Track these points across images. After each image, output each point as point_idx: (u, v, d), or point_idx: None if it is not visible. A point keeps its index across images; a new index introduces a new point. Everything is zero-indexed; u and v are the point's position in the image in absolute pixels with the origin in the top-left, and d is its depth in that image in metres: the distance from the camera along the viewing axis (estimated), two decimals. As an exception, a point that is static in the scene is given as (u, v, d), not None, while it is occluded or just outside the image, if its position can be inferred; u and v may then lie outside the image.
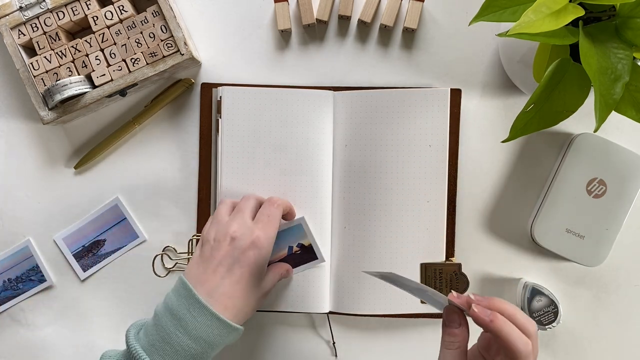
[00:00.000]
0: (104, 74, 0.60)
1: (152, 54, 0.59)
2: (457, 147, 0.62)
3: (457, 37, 0.62)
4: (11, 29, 0.60)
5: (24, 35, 0.60)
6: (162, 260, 0.64)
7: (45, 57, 0.60)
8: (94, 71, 0.60)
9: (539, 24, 0.41)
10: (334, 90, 0.62)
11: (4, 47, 0.60)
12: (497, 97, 0.63)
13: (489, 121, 0.63)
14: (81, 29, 0.63)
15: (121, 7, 0.59)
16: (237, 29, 0.63)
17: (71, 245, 0.64)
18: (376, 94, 0.61)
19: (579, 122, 0.61)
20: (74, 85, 0.58)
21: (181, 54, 0.59)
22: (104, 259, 0.64)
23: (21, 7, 0.59)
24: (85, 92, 0.59)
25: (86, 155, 0.63)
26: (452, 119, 0.61)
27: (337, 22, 0.63)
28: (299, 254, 0.59)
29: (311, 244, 0.59)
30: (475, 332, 0.47)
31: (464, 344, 0.47)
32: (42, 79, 0.60)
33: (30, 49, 0.61)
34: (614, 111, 0.44)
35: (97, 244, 0.64)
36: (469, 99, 0.62)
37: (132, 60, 0.60)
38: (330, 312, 0.62)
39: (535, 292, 0.59)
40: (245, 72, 0.63)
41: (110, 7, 0.59)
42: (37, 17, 0.59)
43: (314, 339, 0.64)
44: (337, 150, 0.62)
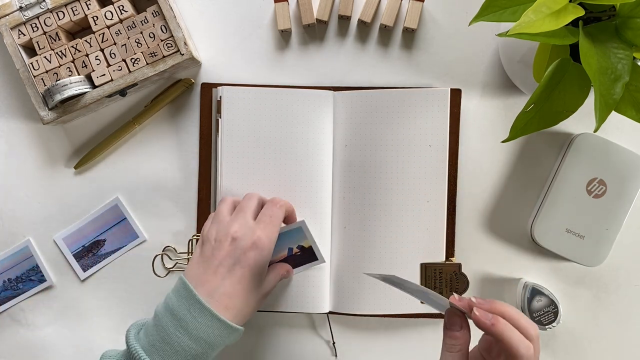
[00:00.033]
0: (104, 74, 0.60)
1: (152, 54, 0.59)
2: (457, 147, 0.62)
3: (457, 37, 0.62)
4: (11, 29, 0.60)
5: (24, 35, 0.60)
6: (162, 260, 0.64)
7: (45, 57, 0.60)
8: (94, 71, 0.60)
9: (539, 24, 0.41)
10: (334, 90, 0.62)
11: (4, 47, 0.60)
12: (497, 97, 0.63)
13: (489, 121, 0.63)
14: (81, 29, 0.63)
15: (121, 7, 0.59)
16: (237, 29, 0.63)
17: (71, 245, 0.64)
18: (376, 94, 0.61)
19: (579, 122, 0.61)
20: (74, 85, 0.58)
21: (181, 54, 0.59)
22: (104, 259, 0.64)
23: (21, 7, 0.59)
24: (85, 92, 0.59)
25: (86, 155, 0.63)
26: (452, 119, 0.61)
27: (337, 22, 0.63)
28: (299, 255, 0.59)
29: (311, 246, 0.58)
30: (476, 334, 0.47)
31: (466, 347, 0.46)
32: (42, 79, 0.60)
33: (30, 49, 0.61)
34: (614, 111, 0.44)
35: (97, 244, 0.64)
36: (469, 99, 0.62)
37: (132, 60, 0.59)
38: (330, 312, 0.62)
39: (535, 292, 0.59)
40: (245, 72, 0.63)
41: (110, 7, 0.59)
42: (37, 17, 0.59)
43: (314, 339, 0.64)
44: (337, 150, 0.62)
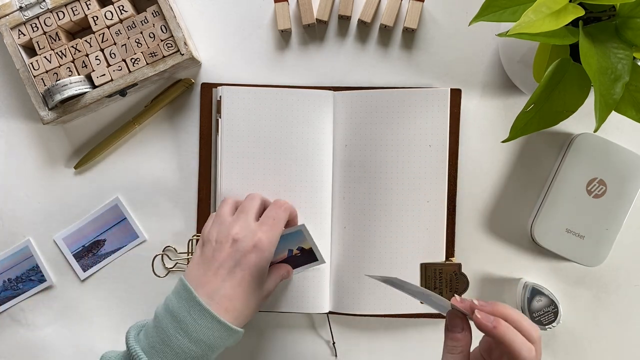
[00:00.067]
0: (104, 74, 0.60)
1: (152, 54, 0.59)
2: (457, 147, 0.62)
3: (457, 37, 0.62)
4: (11, 29, 0.60)
5: (24, 35, 0.60)
6: (162, 260, 0.64)
7: (45, 57, 0.60)
8: (94, 71, 0.60)
9: (539, 24, 0.41)
10: (334, 90, 0.62)
11: (4, 47, 0.60)
12: (497, 97, 0.63)
13: (489, 121, 0.63)
14: (81, 29, 0.63)
15: (121, 7, 0.59)
16: (237, 29, 0.63)
17: (71, 245, 0.64)
18: (376, 94, 0.61)
19: (579, 122, 0.61)
20: (74, 85, 0.58)
21: (181, 54, 0.59)
22: (104, 259, 0.64)
23: (21, 7, 0.59)
24: (85, 92, 0.59)
25: (86, 155, 0.63)
26: (452, 119, 0.61)
27: (337, 22, 0.63)
28: (299, 256, 0.59)
29: (311, 247, 0.58)
30: (477, 335, 0.47)
31: (467, 349, 0.46)
32: (42, 79, 0.60)
33: (30, 49, 0.61)
34: (614, 111, 0.44)
35: (97, 244, 0.64)
36: (469, 99, 0.62)
37: (132, 60, 0.59)
38: (330, 312, 0.62)
39: (535, 292, 0.59)
40: (245, 72, 0.63)
41: (110, 7, 0.59)
42: (37, 17, 0.59)
43: (314, 339, 0.64)
44: (337, 150, 0.62)
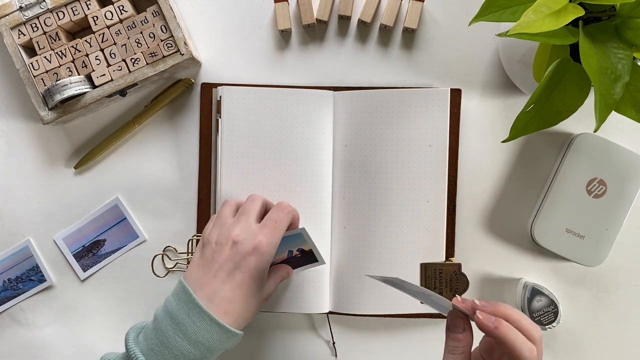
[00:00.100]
0: (104, 74, 0.60)
1: (152, 54, 0.59)
2: (457, 147, 0.62)
3: (457, 37, 0.62)
4: (11, 29, 0.60)
5: (24, 35, 0.60)
6: (162, 260, 0.64)
7: (45, 57, 0.60)
8: (94, 71, 0.60)
9: (539, 24, 0.41)
10: (334, 90, 0.62)
11: (4, 47, 0.60)
12: (497, 97, 0.63)
13: (489, 121, 0.63)
14: (81, 29, 0.63)
15: (121, 7, 0.59)
16: (237, 29, 0.63)
17: (71, 245, 0.64)
18: (376, 94, 0.61)
19: (579, 122, 0.61)
20: (74, 85, 0.58)
21: (181, 54, 0.59)
22: (104, 259, 0.64)
23: (21, 7, 0.59)
24: (85, 92, 0.59)
25: (86, 155, 0.63)
26: (452, 119, 0.61)
27: (337, 22, 0.63)
28: (299, 257, 0.59)
29: (311, 249, 0.58)
30: (477, 335, 0.47)
31: (468, 349, 0.46)
32: (42, 79, 0.60)
33: (30, 49, 0.61)
34: (614, 111, 0.44)
35: (97, 244, 0.64)
36: (469, 99, 0.62)
37: (132, 60, 0.59)
38: (330, 312, 0.62)
39: (535, 292, 0.59)
40: (245, 72, 0.63)
41: (110, 7, 0.59)
42: (37, 17, 0.59)
43: (314, 339, 0.64)
44: (337, 150, 0.62)
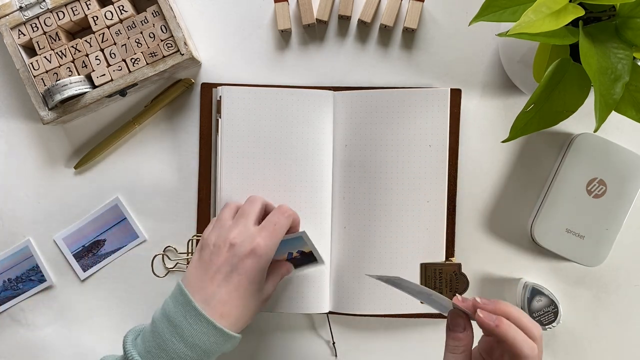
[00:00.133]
0: (104, 74, 0.60)
1: (152, 54, 0.59)
2: (457, 147, 0.62)
3: (457, 37, 0.62)
4: (11, 29, 0.60)
5: (24, 35, 0.60)
6: (162, 260, 0.64)
7: (45, 57, 0.60)
8: (94, 71, 0.60)
9: (539, 24, 0.41)
10: (334, 90, 0.62)
11: (4, 47, 0.60)
12: (497, 97, 0.63)
13: (489, 121, 0.63)
14: (81, 29, 0.63)
15: (121, 7, 0.59)
16: (237, 29, 0.63)
17: (71, 245, 0.64)
18: (376, 94, 0.61)
19: (579, 122, 0.61)
20: (74, 85, 0.58)
21: (181, 54, 0.59)
22: (104, 259, 0.64)
23: (21, 7, 0.59)
24: (85, 92, 0.59)
25: (86, 155, 0.63)
26: (452, 119, 0.61)
27: (337, 22, 0.63)
28: (298, 258, 0.58)
29: (311, 251, 0.57)
30: (477, 335, 0.47)
31: (469, 348, 0.46)
32: (42, 79, 0.60)
33: (30, 49, 0.61)
34: (614, 111, 0.44)
35: (97, 244, 0.64)
36: (469, 99, 0.62)
37: (132, 60, 0.59)
38: (330, 312, 0.62)
39: (535, 292, 0.59)
40: (245, 72, 0.63)
41: (110, 7, 0.59)
42: (37, 17, 0.59)
43: (314, 339, 0.64)
44: (337, 150, 0.62)
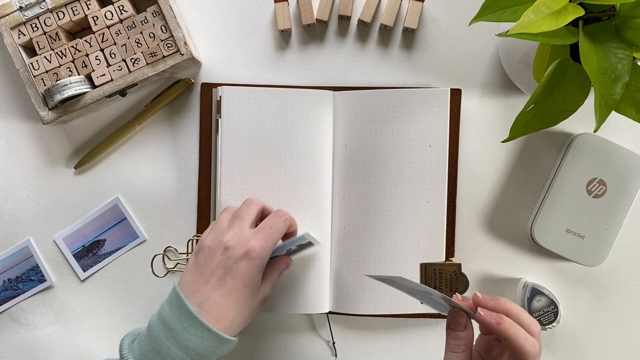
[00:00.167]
0: (104, 74, 0.60)
1: (152, 54, 0.59)
2: (457, 147, 0.62)
3: (457, 37, 0.62)
4: (11, 29, 0.60)
5: (24, 35, 0.60)
6: (162, 260, 0.64)
7: (45, 57, 0.60)
8: (94, 71, 0.60)
9: (539, 24, 0.41)
10: (334, 90, 0.62)
11: (4, 47, 0.60)
12: (497, 97, 0.63)
13: (489, 121, 0.63)
14: (81, 29, 0.63)
15: (121, 7, 0.59)
16: (237, 29, 0.63)
17: (71, 245, 0.64)
18: (376, 94, 0.61)
19: (579, 122, 0.61)
20: (74, 85, 0.58)
21: (181, 54, 0.59)
22: (104, 259, 0.64)
23: (21, 7, 0.59)
24: (85, 92, 0.59)
25: (86, 155, 0.63)
26: (452, 119, 0.61)
27: (337, 22, 0.63)
28: (296, 249, 0.58)
29: (310, 241, 0.57)
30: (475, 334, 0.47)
31: (470, 347, 0.46)
32: (42, 79, 0.60)
33: (30, 49, 0.61)
34: (614, 111, 0.44)
35: (97, 244, 0.64)
36: (469, 99, 0.62)
37: (132, 60, 0.59)
38: (330, 312, 0.62)
39: (535, 292, 0.59)
40: (245, 72, 0.63)
41: (110, 7, 0.59)
42: (37, 17, 0.59)
43: (313, 339, 0.64)
44: (337, 150, 0.62)
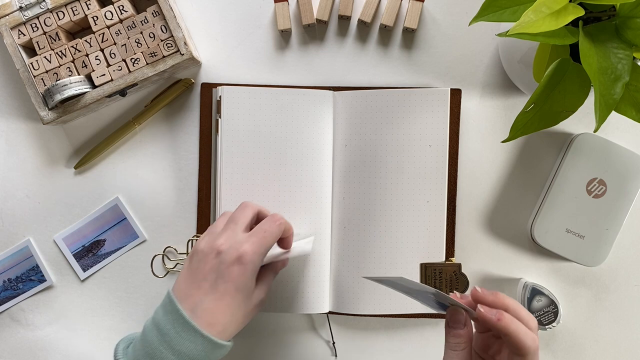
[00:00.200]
0: (104, 74, 0.60)
1: (152, 54, 0.59)
2: (457, 147, 0.62)
3: (457, 37, 0.62)
4: (11, 29, 0.60)
5: (24, 35, 0.60)
6: (162, 260, 0.64)
7: (45, 57, 0.60)
8: (94, 71, 0.60)
9: (539, 24, 0.41)
10: (334, 90, 0.62)
11: (4, 47, 0.60)
12: (497, 97, 0.63)
13: (489, 121, 0.63)
14: (81, 29, 0.63)
15: (121, 7, 0.59)
16: (237, 29, 0.63)
17: (71, 245, 0.64)
18: (376, 94, 0.61)
19: (579, 122, 0.61)
20: (74, 85, 0.58)
21: (181, 54, 0.59)
22: (104, 259, 0.64)
23: (21, 7, 0.59)
24: (85, 92, 0.59)
25: (86, 155, 0.63)
26: (452, 119, 0.61)
27: (337, 22, 0.63)
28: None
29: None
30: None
31: (470, 344, 0.46)
32: (42, 79, 0.60)
33: (30, 49, 0.61)
34: (614, 111, 0.44)
35: (97, 244, 0.64)
36: (469, 99, 0.62)
37: (132, 60, 0.59)
38: (330, 312, 0.62)
39: (535, 292, 0.59)
40: (245, 72, 0.63)
41: (110, 7, 0.59)
42: (37, 17, 0.59)
43: (313, 339, 0.64)
44: (337, 150, 0.62)
